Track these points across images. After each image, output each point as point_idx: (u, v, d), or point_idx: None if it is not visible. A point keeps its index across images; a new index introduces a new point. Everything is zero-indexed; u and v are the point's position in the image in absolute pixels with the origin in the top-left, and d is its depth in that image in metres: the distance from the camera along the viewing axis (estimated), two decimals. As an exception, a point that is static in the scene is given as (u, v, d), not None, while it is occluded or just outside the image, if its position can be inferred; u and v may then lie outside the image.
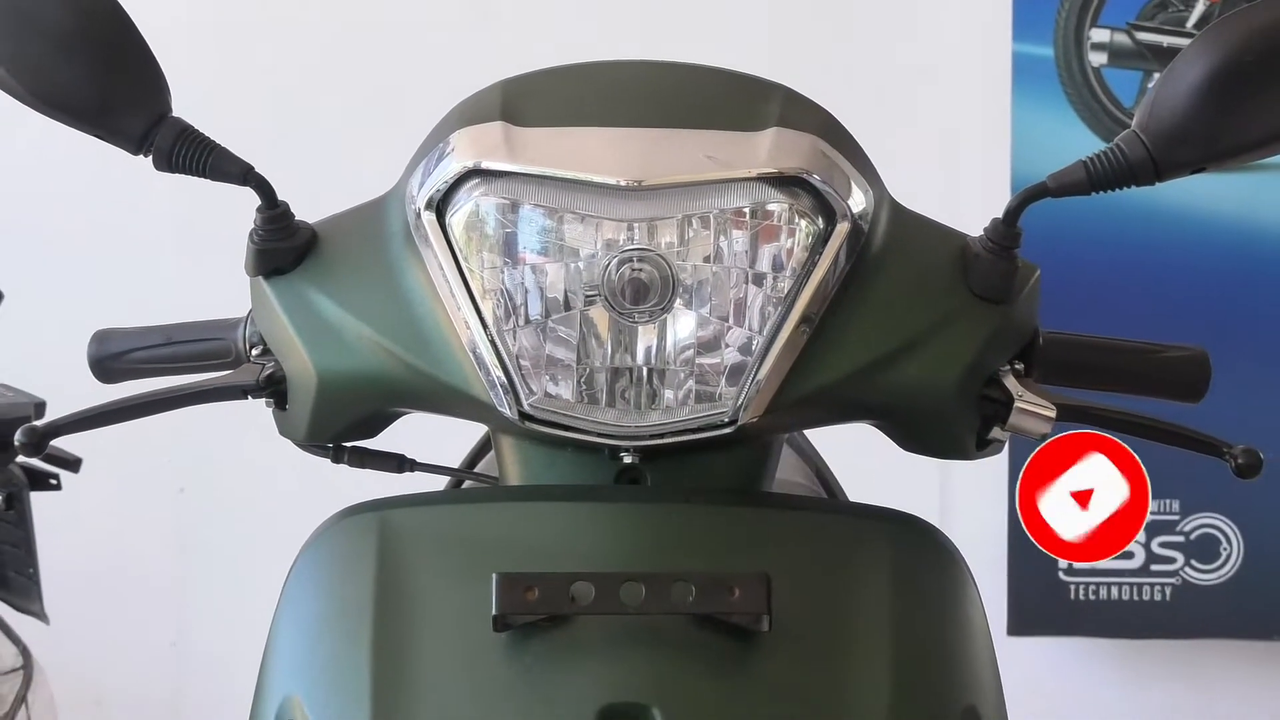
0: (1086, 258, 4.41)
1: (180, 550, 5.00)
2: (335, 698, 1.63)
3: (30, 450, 1.84)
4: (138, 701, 4.99)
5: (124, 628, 4.94)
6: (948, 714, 1.65)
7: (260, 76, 4.82)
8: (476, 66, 1.99)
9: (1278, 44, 1.70)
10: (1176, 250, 4.55)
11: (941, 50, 4.72)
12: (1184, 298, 4.49)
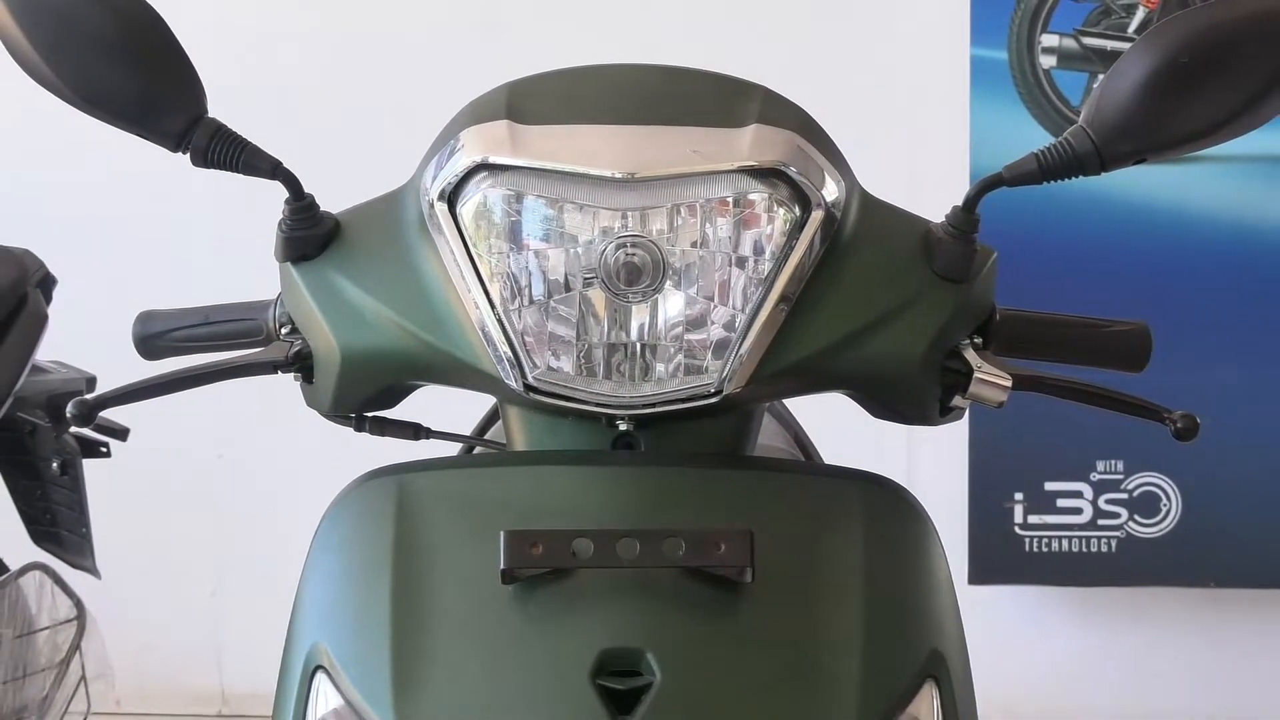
0: (1040, 242, 4.41)
1: (218, 510, 5.00)
2: (358, 644, 1.64)
3: (81, 421, 1.86)
4: (181, 647, 5.00)
5: (168, 581, 4.94)
6: (915, 656, 1.65)
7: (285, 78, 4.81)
8: (483, 72, 1.97)
9: (1212, 47, 1.71)
10: (1119, 234, 4.56)
11: (906, 54, 4.72)
12: (1126, 277, 4.49)
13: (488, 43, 4.70)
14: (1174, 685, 4.89)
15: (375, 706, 1.59)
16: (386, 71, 4.82)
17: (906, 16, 4.72)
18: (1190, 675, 4.88)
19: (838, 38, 4.72)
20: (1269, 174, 4.54)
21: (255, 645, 2.33)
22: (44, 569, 3.66)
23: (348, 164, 3.09)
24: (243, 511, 4.95)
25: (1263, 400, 4.56)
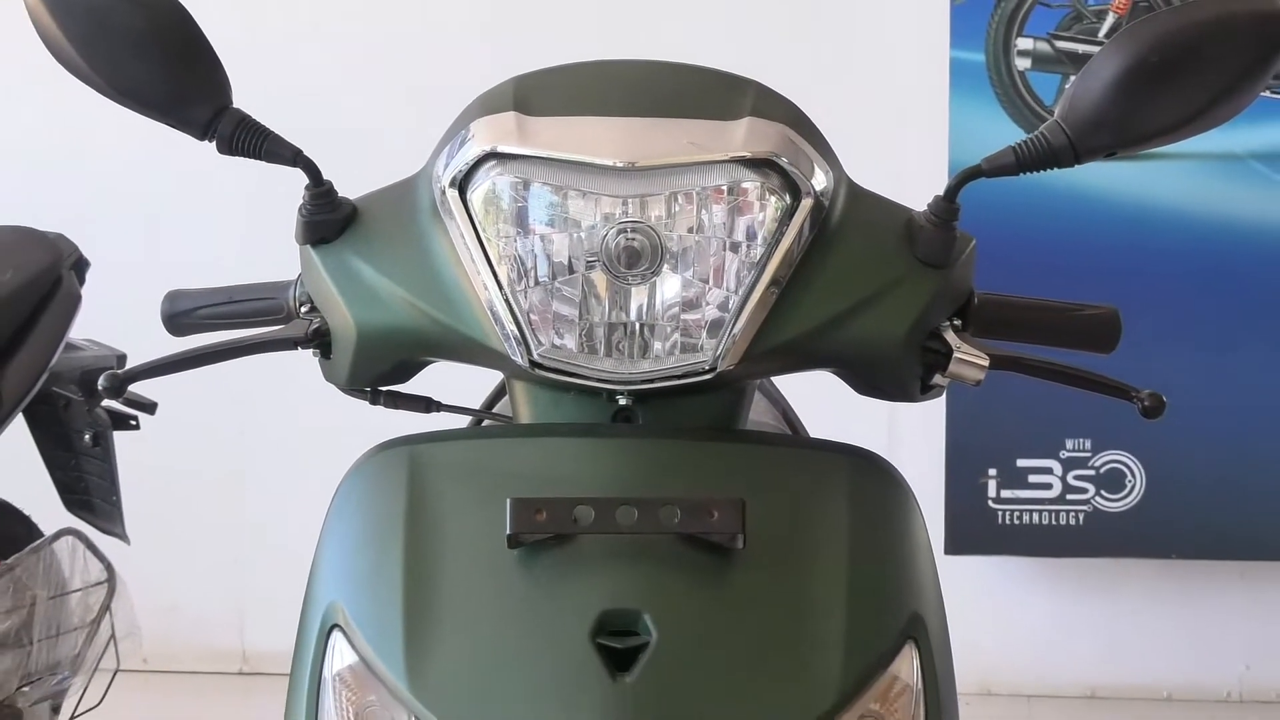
0: (1016, 233, 4.41)
1: (239, 481, 5.01)
2: (372, 603, 1.64)
3: (111, 394, 1.87)
4: (205, 609, 5.00)
5: (193, 547, 4.95)
6: (896, 619, 1.65)
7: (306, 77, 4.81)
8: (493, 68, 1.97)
9: (1179, 47, 1.71)
10: (1089, 226, 4.56)
11: (891, 55, 4.72)
12: (1095, 265, 4.50)
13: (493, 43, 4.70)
14: (1138, 651, 4.90)
15: (388, 663, 1.59)
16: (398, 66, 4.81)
17: (890, 21, 4.73)
18: (1153, 641, 4.89)
19: (827, 40, 4.72)
20: (1227, 171, 4.55)
21: (274, 607, 2.33)
22: (76, 534, 3.66)
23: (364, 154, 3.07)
24: (262, 482, 4.95)
25: (1222, 383, 4.57)
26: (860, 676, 1.60)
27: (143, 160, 4.77)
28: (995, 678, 4.83)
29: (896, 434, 4.33)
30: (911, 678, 1.64)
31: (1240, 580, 4.80)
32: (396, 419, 2.00)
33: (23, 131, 4.95)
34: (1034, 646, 4.89)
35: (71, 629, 3.65)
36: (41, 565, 3.59)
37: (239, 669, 5.06)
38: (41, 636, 3.58)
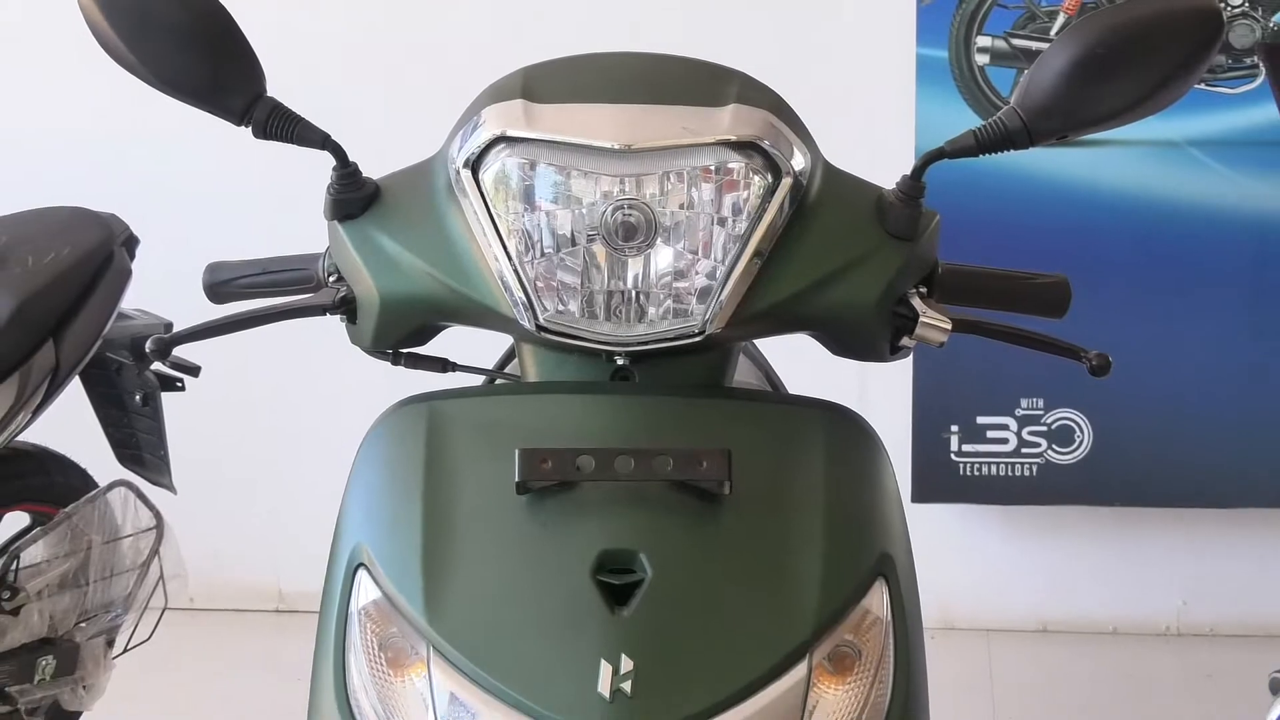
0: (977, 212, 4.40)
1: (274, 437, 5.01)
2: (394, 545, 1.64)
3: (158, 356, 1.89)
4: (244, 553, 5.00)
5: (234, 496, 4.94)
6: (867, 558, 1.66)
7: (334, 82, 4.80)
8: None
9: (1124, 40, 1.71)
10: (1042, 206, 4.55)
11: (862, 51, 4.71)
12: (1047, 241, 4.49)
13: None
14: (1085, 589, 4.90)
15: (408, 598, 1.60)
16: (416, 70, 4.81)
17: (863, 22, 4.72)
18: (1099, 581, 4.89)
19: (807, 38, 4.71)
20: (1167, 157, 4.54)
21: (306, 551, 2.33)
22: (128, 485, 3.66)
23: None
24: (296, 438, 4.95)
25: (1163, 347, 4.57)
26: (836, 609, 1.60)
27: (187, 146, 4.76)
28: (957, 613, 4.84)
29: (868, 392, 4.31)
30: (882, 611, 1.64)
31: (1177, 525, 4.80)
32: (416, 378, 2.00)
33: (80, 121, 4.94)
34: (992, 585, 4.89)
35: (124, 571, 3.65)
36: (96, 513, 3.59)
37: (275, 607, 5.06)
38: (97, 578, 3.58)
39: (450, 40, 4.80)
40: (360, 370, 2.49)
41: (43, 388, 3.36)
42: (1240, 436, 4.57)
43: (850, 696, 1.59)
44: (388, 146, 2.25)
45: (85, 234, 3.45)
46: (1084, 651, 4.77)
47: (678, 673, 1.53)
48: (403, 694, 1.58)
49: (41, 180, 4.68)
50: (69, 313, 3.38)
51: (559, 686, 1.52)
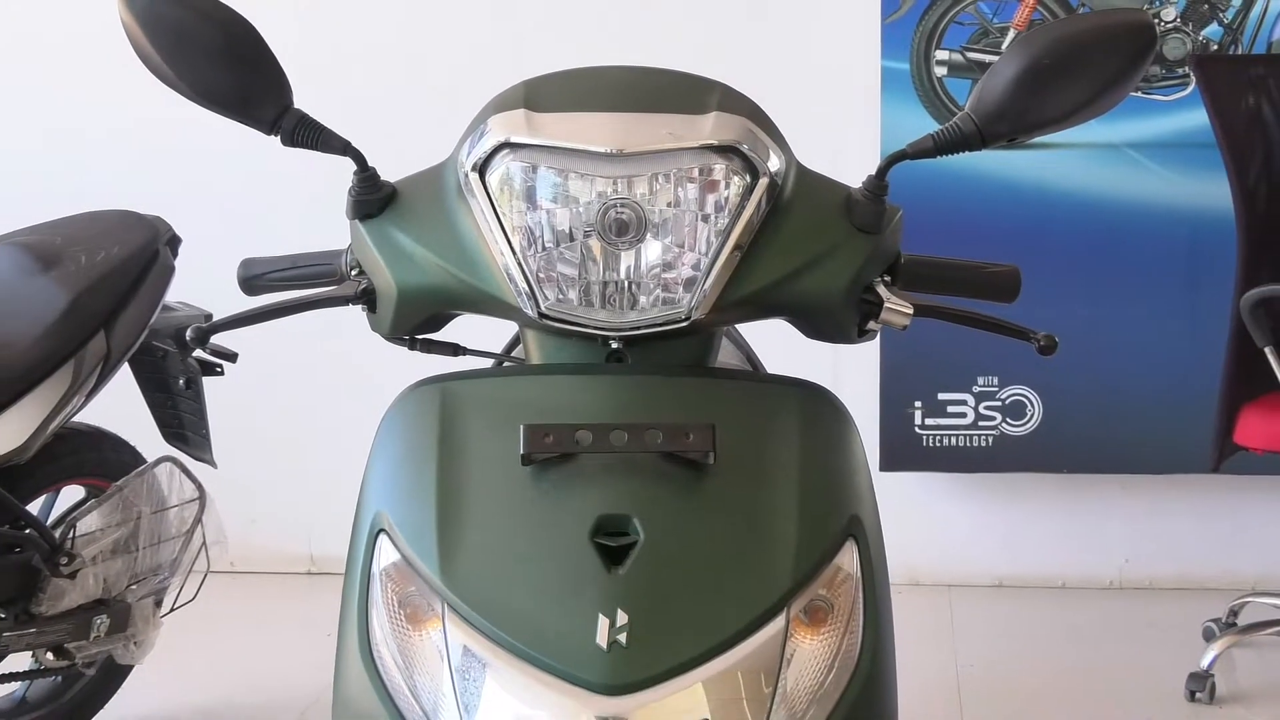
0: (938, 206, 4.40)
1: (304, 416, 5.01)
2: (411, 511, 1.64)
3: (197, 343, 1.88)
4: (279, 522, 5.00)
5: (270, 471, 4.94)
6: (839, 520, 1.66)
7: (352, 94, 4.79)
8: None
9: (1067, 52, 1.71)
10: (996, 203, 4.56)
11: (832, 65, 4.71)
12: (1001, 234, 4.50)
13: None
14: (1036, 548, 4.91)
15: (424, 559, 1.60)
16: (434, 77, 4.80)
17: (833, 37, 4.72)
18: (1049, 540, 4.90)
19: (783, 53, 4.71)
20: (1107, 158, 4.54)
21: (334, 518, 2.33)
22: (173, 461, 3.66)
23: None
24: (323, 418, 4.95)
25: (1105, 329, 4.57)
26: (810, 567, 1.60)
27: (223, 155, 4.76)
28: (921, 571, 4.83)
29: (839, 371, 4.31)
30: (853, 568, 1.64)
31: (1120, 490, 4.80)
32: (430, 362, 2.00)
33: (129, 133, 4.93)
34: (952, 545, 4.89)
35: (170, 538, 3.65)
36: (145, 486, 3.59)
37: (307, 570, 5.06)
38: (145, 545, 3.58)
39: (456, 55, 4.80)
40: (379, 355, 2.48)
41: (95, 373, 3.35)
42: (1174, 409, 4.57)
43: (824, 646, 1.58)
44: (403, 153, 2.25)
45: (133, 234, 3.45)
46: (1036, 604, 4.77)
47: (668, 625, 1.53)
48: (420, 647, 1.58)
49: (94, 186, 4.67)
50: (118, 305, 3.38)
51: (561, 639, 1.52)
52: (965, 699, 4.01)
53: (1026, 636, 4.53)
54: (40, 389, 3.25)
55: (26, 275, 3.31)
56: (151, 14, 1.74)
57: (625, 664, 1.51)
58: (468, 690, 1.54)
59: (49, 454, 3.40)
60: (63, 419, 3.34)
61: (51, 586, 3.37)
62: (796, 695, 1.56)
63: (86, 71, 4.94)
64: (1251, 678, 4.16)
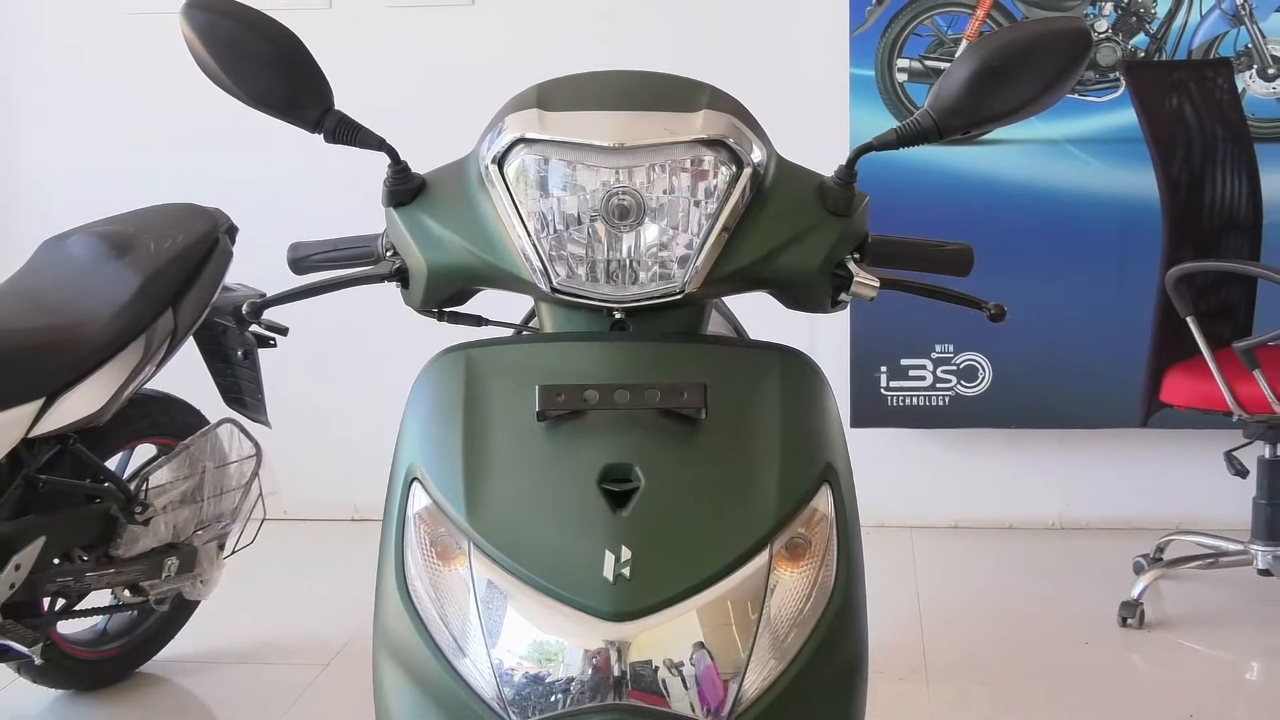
0: (902, 194, 4.39)
1: (347, 380, 5.00)
2: (440, 462, 1.64)
3: (252, 317, 1.89)
4: (326, 473, 5.00)
5: (317, 429, 4.94)
6: (815, 467, 1.65)
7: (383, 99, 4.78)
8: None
9: (1013, 55, 1.70)
10: (953, 192, 4.56)
11: (806, 71, 4.70)
12: (957, 218, 4.50)
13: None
14: (988, 494, 4.91)
15: (452, 504, 1.60)
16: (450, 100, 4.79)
17: (806, 48, 4.71)
18: (998, 487, 4.90)
19: (760, 58, 4.70)
20: (1049, 152, 4.54)
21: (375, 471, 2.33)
22: (232, 422, 3.67)
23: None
24: (363, 382, 4.95)
25: (1047, 302, 4.57)
26: (791, 509, 1.60)
27: (274, 154, 4.76)
28: (887, 514, 4.83)
29: (814, 338, 4.31)
30: (828, 510, 1.64)
31: (1059, 443, 4.80)
32: (455, 331, 2.00)
33: (191, 139, 4.93)
34: (914, 492, 4.89)
35: (230, 490, 3.66)
36: (209, 444, 3.60)
37: (350, 517, 5.05)
38: (209, 495, 3.59)
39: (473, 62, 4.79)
40: (411, 327, 2.48)
41: (164, 346, 3.36)
42: (1108, 371, 4.57)
43: (803, 578, 1.58)
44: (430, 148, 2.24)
45: (196, 224, 3.45)
46: (987, 544, 4.77)
47: (666, 560, 1.53)
48: (450, 580, 1.57)
49: (162, 183, 4.67)
50: (184, 287, 3.38)
51: (572, 572, 1.52)
52: (925, 625, 4.01)
53: (978, 571, 4.53)
54: (116, 360, 3.26)
55: (104, 261, 3.31)
56: (210, 29, 1.73)
57: (629, 594, 1.51)
58: (491, 618, 1.54)
59: (124, 417, 3.41)
60: (136, 386, 3.34)
61: (128, 533, 3.38)
62: (779, 621, 1.56)
63: (156, 88, 4.94)
64: (1175, 605, 4.16)
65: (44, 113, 5.06)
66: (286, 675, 3.74)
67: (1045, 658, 3.80)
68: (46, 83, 5.05)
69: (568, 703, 1.50)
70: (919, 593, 4.28)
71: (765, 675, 1.54)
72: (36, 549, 3.17)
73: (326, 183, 4.70)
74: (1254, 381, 3.75)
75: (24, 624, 3.18)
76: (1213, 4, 4.50)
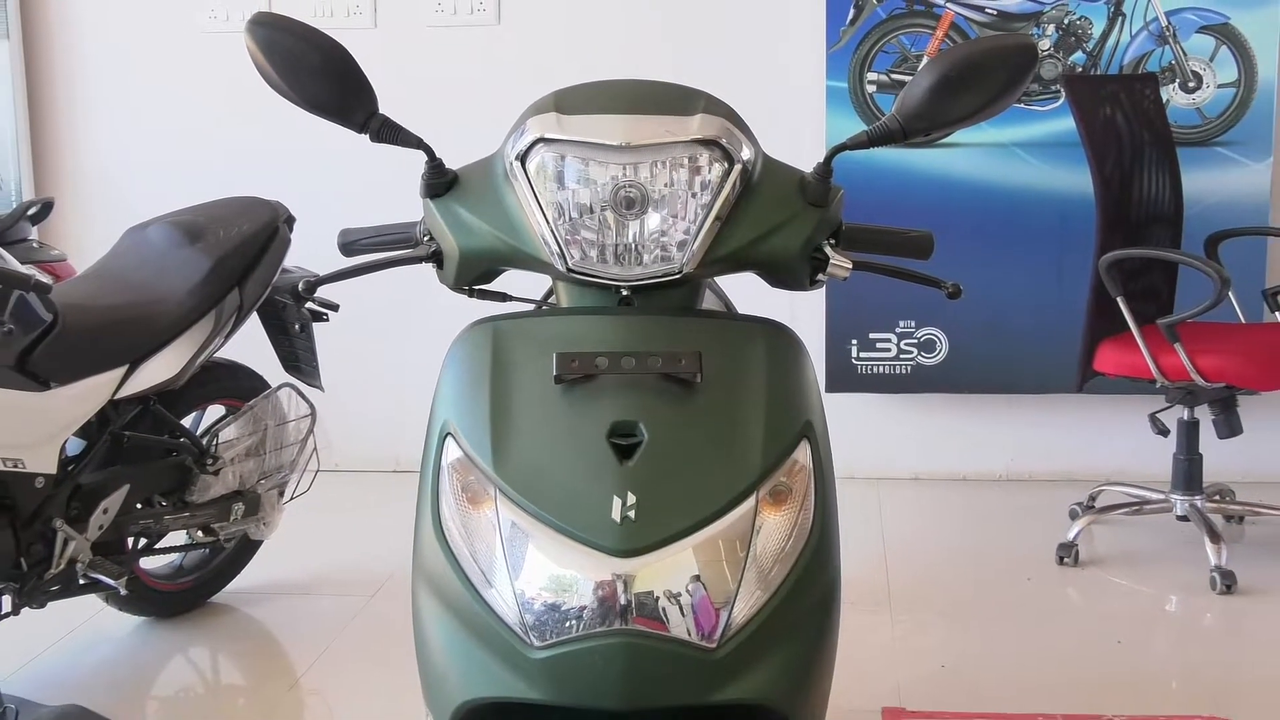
0: (872, 190, 4.38)
1: (391, 350, 5.00)
2: (471, 419, 1.63)
3: (307, 295, 1.88)
4: (373, 431, 5.00)
5: (364, 394, 4.94)
6: (795, 424, 1.64)
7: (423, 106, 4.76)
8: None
9: (969, 66, 1.69)
10: (913, 188, 4.54)
11: (791, 82, 4.68)
12: (917, 211, 4.49)
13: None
14: (943, 450, 4.91)
15: (480, 456, 1.59)
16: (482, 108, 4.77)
17: (790, 63, 4.69)
18: (952, 444, 4.89)
19: (750, 71, 4.68)
20: (998, 154, 4.53)
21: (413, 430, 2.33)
22: (290, 386, 3.66)
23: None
24: (404, 350, 4.94)
25: (996, 285, 4.56)
26: (774, 460, 1.59)
27: (325, 155, 4.75)
28: (856, 468, 4.84)
29: (795, 313, 4.31)
30: (807, 461, 1.63)
31: (1006, 406, 4.79)
32: (483, 306, 1.99)
33: (255, 142, 4.92)
34: (879, 448, 4.88)
35: (289, 444, 3.66)
36: (270, 405, 3.59)
37: (392, 469, 5.05)
38: (270, 449, 3.59)
39: (494, 74, 4.77)
40: (444, 302, 2.47)
41: (231, 321, 3.36)
42: (1048, 344, 4.57)
43: (785, 520, 1.58)
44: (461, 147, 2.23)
45: (259, 214, 3.45)
46: (943, 493, 4.77)
47: (666, 505, 1.53)
48: (479, 522, 1.57)
49: (231, 179, 4.66)
50: (248, 269, 3.38)
51: (585, 514, 1.52)
52: (889, 563, 4.01)
53: (935, 517, 4.53)
54: (190, 332, 3.26)
55: (179, 247, 3.30)
56: (270, 42, 1.72)
57: (633, 533, 1.50)
58: (514, 554, 1.53)
59: (197, 382, 3.41)
60: (207, 355, 3.34)
61: (200, 481, 3.38)
62: (764, 557, 1.55)
63: (226, 97, 4.93)
64: (1105, 547, 4.16)
65: (130, 122, 5.05)
66: (338, 604, 3.74)
67: (993, 591, 3.80)
68: (133, 96, 5.04)
69: (580, 628, 1.50)
70: (884, 536, 4.28)
71: (752, 604, 1.53)
72: (122, 495, 3.18)
73: (371, 178, 4.69)
74: (1175, 353, 3.75)
75: (112, 560, 3.19)
76: (1141, 26, 4.49)
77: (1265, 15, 4.44)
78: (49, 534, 3.01)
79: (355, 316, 3.98)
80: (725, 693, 1.52)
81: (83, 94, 5.05)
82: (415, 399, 2.98)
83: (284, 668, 3.37)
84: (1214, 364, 3.75)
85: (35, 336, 2.88)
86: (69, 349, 2.95)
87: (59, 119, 5.07)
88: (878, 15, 4.54)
